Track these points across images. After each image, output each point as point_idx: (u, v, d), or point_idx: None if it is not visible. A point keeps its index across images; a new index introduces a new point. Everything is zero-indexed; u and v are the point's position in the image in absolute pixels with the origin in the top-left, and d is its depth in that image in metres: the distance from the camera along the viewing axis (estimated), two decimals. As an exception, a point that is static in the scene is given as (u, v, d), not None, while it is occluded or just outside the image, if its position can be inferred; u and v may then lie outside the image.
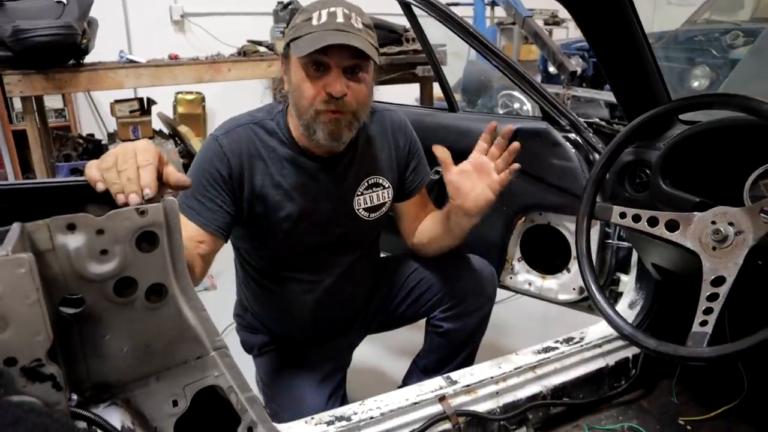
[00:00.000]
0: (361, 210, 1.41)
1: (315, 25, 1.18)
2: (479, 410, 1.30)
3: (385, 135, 1.45)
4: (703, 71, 4.18)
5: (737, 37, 4.30)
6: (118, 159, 0.82)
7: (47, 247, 0.75)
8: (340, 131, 1.24)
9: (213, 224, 1.24)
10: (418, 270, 1.55)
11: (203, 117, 4.82)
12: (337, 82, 1.18)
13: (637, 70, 1.20)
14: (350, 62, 1.19)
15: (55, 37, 2.82)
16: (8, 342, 0.66)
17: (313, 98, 1.20)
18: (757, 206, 0.96)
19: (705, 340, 0.92)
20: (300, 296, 1.45)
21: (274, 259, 1.42)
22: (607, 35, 1.14)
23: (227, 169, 1.26)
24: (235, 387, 1.00)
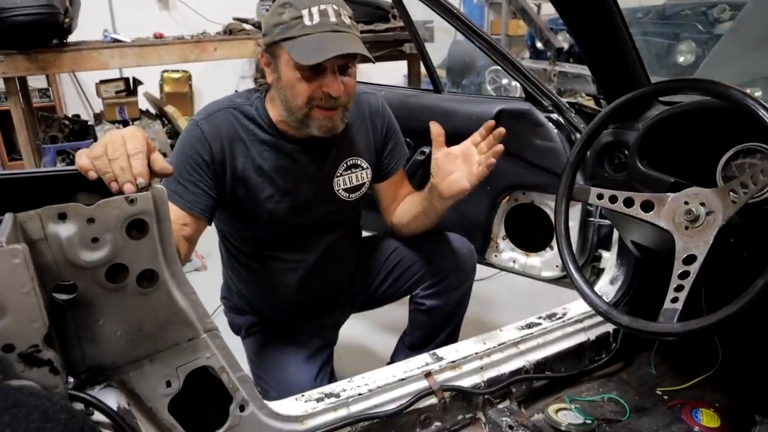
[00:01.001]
0: (341, 191, 1.45)
1: (309, 25, 1.18)
2: (464, 385, 1.35)
3: (363, 118, 1.48)
4: (689, 46, 4.20)
5: (724, 11, 4.30)
6: (107, 148, 0.84)
7: (39, 237, 0.78)
8: (335, 126, 1.29)
9: (196, 207, 1.27)
10: (399, 249, 1.59)
11: (190, 96, 4.79)
12: (335, 83, 1.21)
13: (615, 52, 1.22)
14: (344, 62, 1.22)
15: (37, 16, 2.77)
16: (6, 329, 0.69)
17: (309, 98, 1.23)
18: (726, 187, 0.99)
19: (675, 317, 0.96)
20: (284, 276, 1.48)
21: (257, 240, 1.45)
22: (584, 18, 1.16)
23: (209, 154, 1.28)
24: (227, 367, 1.04)
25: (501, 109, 1.67)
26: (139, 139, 0.86)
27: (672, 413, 1.45)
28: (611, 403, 1.50)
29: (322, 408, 1.21)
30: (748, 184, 0.96)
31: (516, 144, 1.65)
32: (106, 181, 0.84)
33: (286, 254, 1.46)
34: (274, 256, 1.46)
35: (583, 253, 1.69)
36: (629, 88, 1.22)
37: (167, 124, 3.63)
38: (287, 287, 1.49)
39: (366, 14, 4.07)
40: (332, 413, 1.22)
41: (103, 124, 3.48)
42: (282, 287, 1.50)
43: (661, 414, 1.45)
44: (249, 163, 1.32)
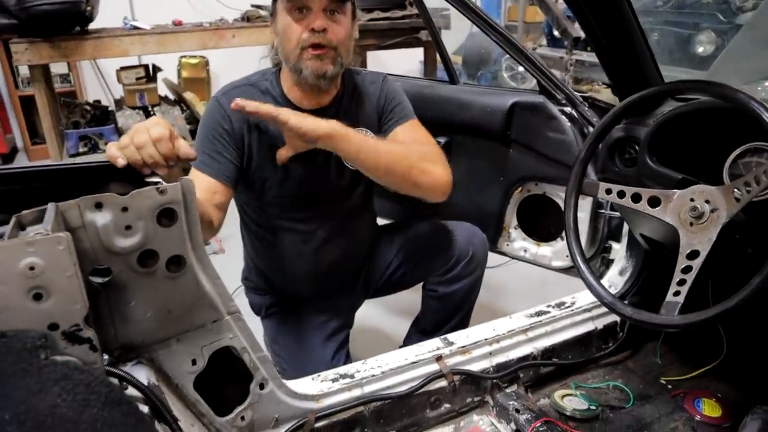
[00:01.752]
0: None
1: None
2: (473, 369, 1.40)
3: (367, 92, 1.55)
4: (709, 36, 4.15)
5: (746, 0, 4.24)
6: (133, 137, 0.92)
7: (78, 224, 0.84)
8: (324, 67, 1.34)
9: (223, 174, 1.36)
10: (414, 237, 1.65)
11: (207, 81, 4.85)
12: (319, 18, 1.31)
13: (627, 50, 1.25)
14: (329, 3, 1.31)
15: (60, 5, 2.85)
16: (51, 309, 0.75)
17: (298, 37, 1.32)
18: (731, 186, 1.02)
19: (677, 309, 1.00)
20: (298, 247, 1.55)
21: (271, 208, 1.51)
22: (596, 15, 1.18)
23: (229, 124, 1.39)
24: (248, 347, 1.10)
25: (515, 101, 1.70)
26: (162, 126, 0.93)
27: (675, 402, 1.49)
28: (616, 391, 1.54)
29: (337, 388, 1.27)
30: (751, 183, 0.99)
31: (529, 136, 1.69)
32: (137, 168, 0.91)
33: (299, 225, 1.53)
34: (288, 227, 1.53)
35: (593, 244, 1.73)
36: (641, 86, 1.24)
37: (186, 110, 3.68)
38: (302, 260, 1.56)
39: (382, 1, 4.10)
40: (347, 393, 1.27)
41: (123, 110, 3.55)
42: (297, 260, 1.56)
43: (664, 402, 1.49)
44: (264, 133, 1.41)
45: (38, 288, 0.74)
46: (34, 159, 4.59)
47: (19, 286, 0.73)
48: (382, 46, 4.11)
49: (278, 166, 1.41)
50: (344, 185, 1.52)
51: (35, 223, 0.80)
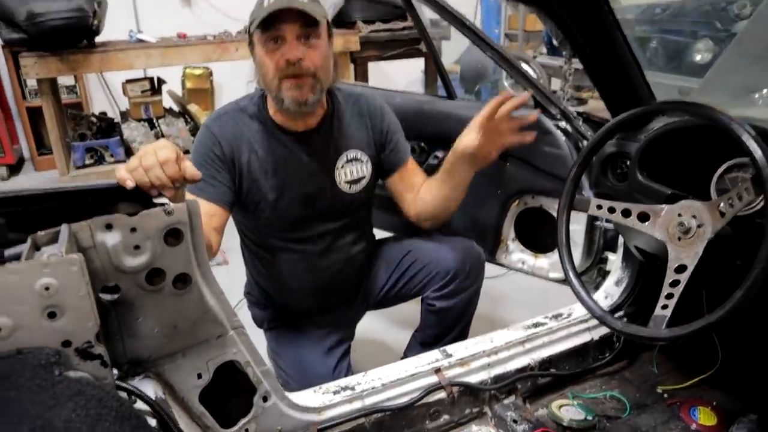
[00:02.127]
0: (343, 183, 1.54)
1: (266, 5, 1.31)
2: (471, 381, 1.43)
3: (361, 116, 1.57)
4: (706, 45, 4.18)
5: (744, 6, 4.27)
6: (141, 160, 0.96)
7: (89, 245, 0.88)
8: (304, 95, 1.36)
9: (218, 198, 1.40)
10: (412, 252, 1.68)
11: (211, 91, 4.90)
12: (293, 48, 1.32)
13: (617, 70, 1.29)
14: (301, 30, 1.32)
15: (68, 20, 2.91)
16: (64, 327, 0.79)
17: (275, 68, 1.34)
18: (716, 202, 1.06)
19: (664, 323, 1.04)
20: (295, 265, 1.58)
21: (267, 229, 1.55)
22: (586, 38, 1.22)
23: (220, 150, 1.42)
24: (251, 361, 1.13)
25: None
26: (169, 149, 0.97)
27: (671, 411, 1.52)
28: (613, 401, 1.56)
29: (339, 400, 1.30)
30: (734, 199, 1.03)
31: (525, 150, 1.72)
32: (145, 189, 0.95)
33: (294, 245, 1.56)
34: (283, 247, 1.56)
35: (590, 255, 1.76)
36: (631, 104, 1.28)
37: (190, 121, 3.74)
38: (301, 277, 1.59)
39: (384, 13, 4.16)
40: (348, 405, 1.31)
41: (129, 122, 3.60)
42: (295, 277, 1.60)
43: (660, 411, 1.52)
44: (253, 156, 1.45)
45: (52, 307, 0.78)
46: (41, 169, 4.65)
47: (35, 305, 0.77)
48: (383, 57, 4.17)
49: (269, 190, 1.46)
50: (337, 204, 1.55)
51: (49, 243, 0.85)
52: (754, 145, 0.97)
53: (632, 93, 1.33)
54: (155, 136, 3.60)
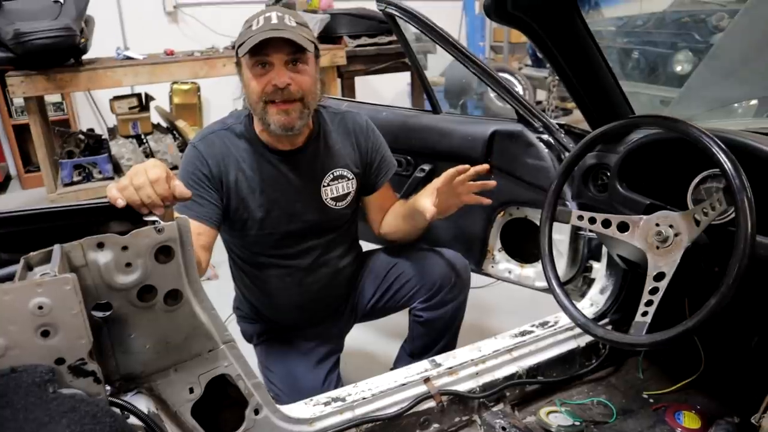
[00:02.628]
0: (329, 200, 1.57)
1: (254, 29, 1.34)
2: (460, 389, 1.45)
3: (347, 134, 1.61)
4: (686, 56, 4.27)
5: (722, 19, 4.37)
6: (132, 179, 0.98)
7: (81, 263, 0.90)
8: (291, 121, 1.39)
9: (206, 217, 1.42)
10: (398, 264, 1.71)
11: (199, 107, 4.92)
12: (280, 74, 1.34)
13: (595, 86, 1.33)
14: (289, 56, 1.35)
15: (55, 39, 2.91)
16: (58, 345, 0.80)
17: (261, 92, 1.36)
18: (691, 212, 1.10)
19: (644, 329, 1.07)
20: (283, 280, 1.60)
21: (255, 246, 1.57)
22: (565, 57, 1.26)
23: (207, 169, 1.44)
24: (243, 375, 1.15)
25: (495, 130, 1.78)
26: (159, 168, 1.00)
27: (656, 415, 1.54)
28: (600, 406, 1.59)
29: (330, 411, 1.32)
30: (708, 209, 1.07)
31: (509, 163, 1.77)
32: (136, 208, 0.98)
33: (282, 260, 1.58)
34: (271, 263, 1.58)
35: (574, 264, 1.79)
36: (609, 116, 1.32)
37: (178, 137, 3.75)
38: (289, 292, 1.61)
39: (369, 27, 4.21)
40: (338, 416, 1.32)
41: (117, 139, 3.61)
42: (284, 292, 1.61)
43: (646, 416, 1.55)
44: (240, 174, 1.47)
45: (46, 325, 0.80)
46: (28, 187, 4.63)
47: (29, 324, 0.79)
48: (369, 71, 4.21)
49: (256, 208, 1.48)
50: (323, 220, 1.58)
51: (42, 263, 0.86)
52: (724, 157, 1.01)
53: (609, 106, 1.38)
54: (143, 152, 3.60)
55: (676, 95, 3.39)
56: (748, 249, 0.97)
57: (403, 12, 1.72)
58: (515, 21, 1.18)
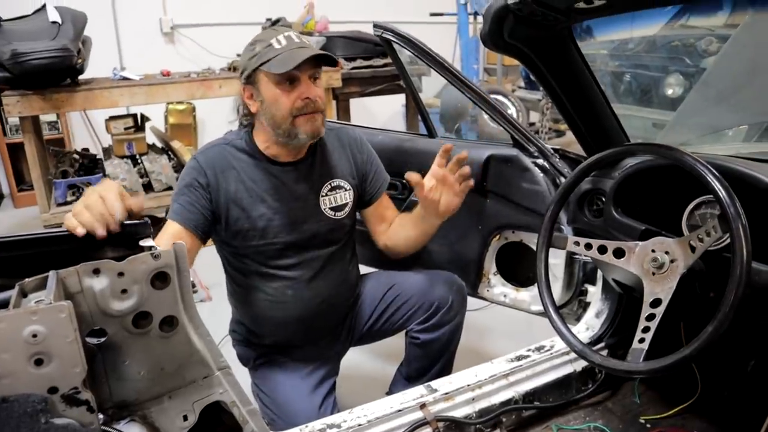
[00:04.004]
0: (327, 209, 1.60)
1: (279, 48, 1.41)
2: (457, 415, 1.44)
3: (343, 147, 1.66)
4: (677, 79, 4.33)
5: (711, 43, 4.45)
6: (84, 201, 0.95)
7: (77, 290, 0.89)
8: (318, 128, 1.48)
9: (190, 223, 1.44)
10: (395, 286, 1.71)
11: (194, 127, 4.93)
12: (311, 88, 1.44)
13: (590, 114, 1.35)
14: (314, 71, 1.44)
15: (52, 59, 2.93)
16: (51, 374, 0.79)
17: (291, 107, 1.42)
18: (687, 238, 1.11)
19: (642, 356, 1.07)
20: (283, 293, 1.59)
21: (256, 256, 1.57)
22: (563, 87, 1.28)
23: (205, 179, 1.47)
24: (237, 402, 1.13)
25: (490, 154, 1.79)
26: (109, 184, 0.98)
27: (653, 440, 1.54)
28: (596, 431, 1.58)
29: (325, 438, 1.30)
30: (704, 235, 1.07)
31: (505, 187, 1.78)
32: (92, 232, 0.92)
33: (283, 271, 1.58)
34: (273, 275, 1.58)
35: (569, 288, 1.79)
36: (603, 142, 1.34)
37: (173, 158, 3.75)
38: (287, 305, 1.60)
39: (365, 50, 4.26)
40: (333, 443, 1.31)
41: (112, 159, 3.61)
42: (283, 305, 1.60)
43: (643, 442, 1.54)
44: (241, 185, 1.50)
45: (40, 354, 0.78)
46: (21, 206, 4.61)
47: (22, 353, 0.77)
48: (365, 93, 4.25)
49: (257, 218, 1.50)
50: (324, 230, 1.59)
51: (37, 290, 0.85)
52: (718, 185, 1.02)
53: (603, 131, 1.39)
54: (138, 172, 3.60)
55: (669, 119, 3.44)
56: (744, 276, 0.97)
57: (398, 37, 1.74)
58: (512, 49, 1.20)
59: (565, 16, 1.08)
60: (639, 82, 4.66)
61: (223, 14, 5.21)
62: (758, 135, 2.37)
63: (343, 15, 5.26)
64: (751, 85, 2.11)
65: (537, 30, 1.14)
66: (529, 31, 1.13)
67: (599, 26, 4.42)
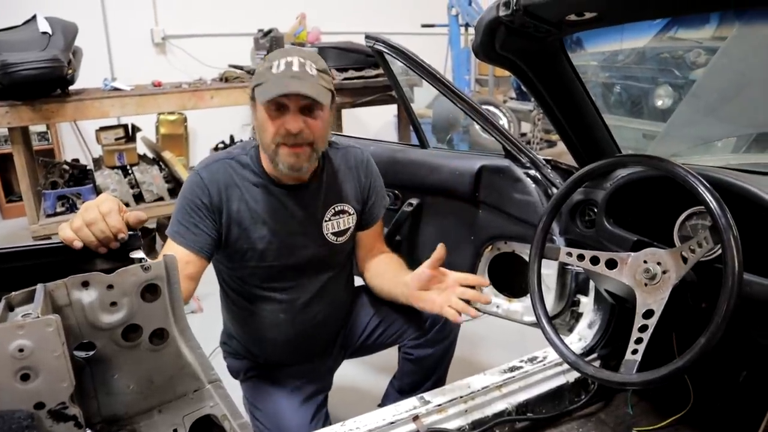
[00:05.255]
0: (330, 234, 1.56)
1: (275, 73, 1.34)
2: (449, 427, 1.43)
3: (349, 169, 1.61)
4: (666, 91, 4.38)
5: (699, 56, 4.50)
6: (84, 216, 0.96)
7: (65, 303, 0.87)
8: (300, 163, 1.40)
9: (197, 245, 1.41)
10: (389, 301, 1.68)
11: (185, 137, 4.92)
12: (295, 120, 1.35)
13: (581, 123, 1.35)
14: (305, 103, 1.35)
15: (43, 70, 2.91)
16: (38, 389, 0.78)
17: (274, 135, 1.36)
18: (679, 249, 1.11)
19: (635, 367, 1.07)
20: (276, 316, 1.58)
21: (252, 278, 1.55)
22: (551, 95, 1.29)
23: (208, 198, 1.43)
24: (228, 415, 1.11)
25: (482, 165, 1.79)
26: (111, 201, 0.98)
27: (646, 452, 1.53)
28: (590, 443, 1.58)
29: (317, 452, 1.29)
30: (695, 247, 1.08)
31: (497, 197, 1.78)
32: (93, 248, 0.95)
33: (278, 294, 1.56)
34: (267, 297, 1.56)
35: (562, 298, 1.79)
36: (595, 153, 1.34)
37: (164, 168, 3.73)
38: (280, 328, 1.59)
39: (356, 61, 4.27)
40: (326, 457, 1.29)
41: (102, 170, 3.58)
42: (275, 328, 1.59)
43: (636, 453, 1.54)
44: (243, 205, 1.46)
45: (26, 369, 0.77)
46: (9, 217, 4.57)
47: (8, 367, 0.76)
48: (356, 104, 4.26)
49: (257, 239, 1.47)
50: (324, 254, 1.57)
51: (24, 303, 0.84)
52: (709, 197, 1.02)
53: (594, 142, 1.40)
54: (129, 183, 3.57)
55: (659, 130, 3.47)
56: (736, 287, 0.98)
57: (391, 48, 1.75)
58: (503, 61, 1.20)
59: (557, 28, 1.09)
60: (629, 94, 4.71)
61: (215, 25, 5.21)
62: (746, 146, 2.41)
63: (334, 26, 5.28)
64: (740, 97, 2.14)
65: (529, 42, 1.14)
66: (520, 43, 1.14)
67: (589, 38, 4.47)
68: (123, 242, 0.97)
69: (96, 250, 0.96)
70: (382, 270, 1.66)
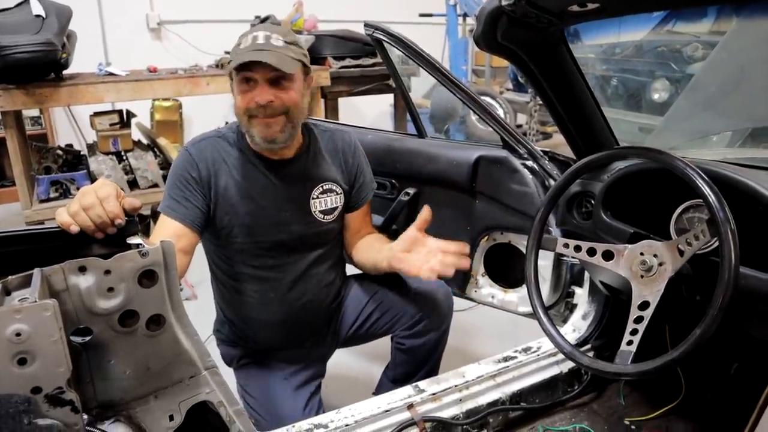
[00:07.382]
0: (317, 212, 1.58)
1: (241, 48, 1.39)
2: (444, 416, 1.44)
3: (336, 151, 1.63)
4: (663, 84, 4.38)
5: (696, 49, 4.50)
6: (81, 201, 0.95)
7: (62, 288, 0.87)
8: (273, 134, 1.43)
9: (188, 218, 1.43)
10: (381, 291, 1.71)
11: (180, 124, 4.89)
12: (263, 92, 1.38)
13: (580, 115, 1.35)
14: (273, 74, 1.38)
15: (36, 53, 2.87)
16: (35, 374, 0.77)
17: (245, 107, 1.40)
18: (675, 242, 1.12)
19: (630, 358, 1.07)
20: (265, 294, 1.58)
21: (240, 254, 1.55)
22: (555, 91, 1.29)
23: (197, 172, 1.46)
24: (224, 401, 1.12)
25: (480, 155, 1.79)
26: (108, 186, 0.98)
27: (638, 442, 1.55)
28: (582, 433, 1.59)
29: (311, 438, 1.29)
30: (692, 239, 1.08)
31: (494, 188, 1.78)
32: (90, 233, 0.95)
33: (266, 272, 1.57)
34: (255, 275, 1.57)
35: (557, 290, 1.80)
36: (593, 145, 1.34)
37: (159, 155, 3.71)
38: (269, 306, 1.59)
39: (354, 50, 4.25)
40: (320, 444, 1.30)
41: (96, 155, 3.56)
42: (264, 307, 1.59)
43: (627, 443, 1.55)
44: (231, 181, 1.48)
45: (23, 353, 0.77)
46: (2, 202, 4.53)
47: (5, 352, 0.76)
48: (353, 92, 4.24)
49: (244, 215, 1.48)
50: (311, 233, 1.58)
51: (21, 287, 0.84)
52: (708, 190, 1.03)
53: (593, 133, 1.40)
54: (123, 169, 3.55)
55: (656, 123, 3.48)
56: (732, 280, 0.98)
57: (389, 37, 1.74)
58: (504, 51, 1.20)
59: (559, 18, 1.08)
60: (626, 87, 4.71)
61: (212, 11, 5.17)
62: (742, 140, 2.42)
63: (332, 14, 5.24)
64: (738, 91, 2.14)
65: (530, 32, 1.14)
66: (522, 33, 1.13)
67: (587, 30, 4.46)
68: (120, 228, 0.97)
69: (93, 235, 0.96)
70: (368, 244, 1.68)
